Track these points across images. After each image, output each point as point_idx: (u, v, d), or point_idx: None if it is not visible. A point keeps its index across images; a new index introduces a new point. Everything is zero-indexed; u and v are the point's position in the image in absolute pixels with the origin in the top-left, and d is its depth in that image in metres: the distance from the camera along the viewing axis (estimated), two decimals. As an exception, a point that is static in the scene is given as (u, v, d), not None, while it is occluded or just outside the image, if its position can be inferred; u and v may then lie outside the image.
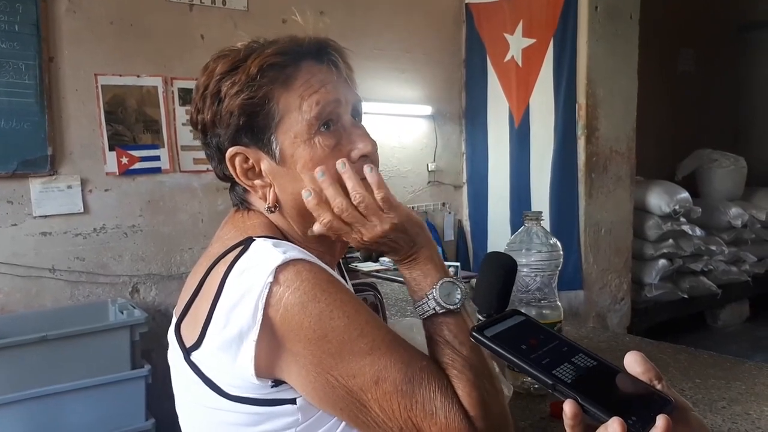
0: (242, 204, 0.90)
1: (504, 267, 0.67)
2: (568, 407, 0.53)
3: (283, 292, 0.73)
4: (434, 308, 0.80)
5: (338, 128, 0.83)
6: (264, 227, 0.85)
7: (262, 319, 0.73)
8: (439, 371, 0.77)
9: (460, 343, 0.79)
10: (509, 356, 0.58)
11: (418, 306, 0.82)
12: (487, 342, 0.59)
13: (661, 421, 0.50)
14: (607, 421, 0.51)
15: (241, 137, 0.83)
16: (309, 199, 0.80)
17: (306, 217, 0.85)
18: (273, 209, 0.85)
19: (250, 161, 0.84)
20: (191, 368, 0.80)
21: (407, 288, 0.85)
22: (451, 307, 0.80)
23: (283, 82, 0.81)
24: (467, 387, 0.76)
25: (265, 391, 0.76)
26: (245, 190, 0.88)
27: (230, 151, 0.83)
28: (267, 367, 0.75)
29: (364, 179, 0.80)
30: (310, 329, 0.73)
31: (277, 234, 0.85)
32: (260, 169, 0.84)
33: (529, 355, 0.57)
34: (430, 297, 0.81)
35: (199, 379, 0.79)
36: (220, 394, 0.78)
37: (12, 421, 2.08)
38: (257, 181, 0.85)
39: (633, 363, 0.56)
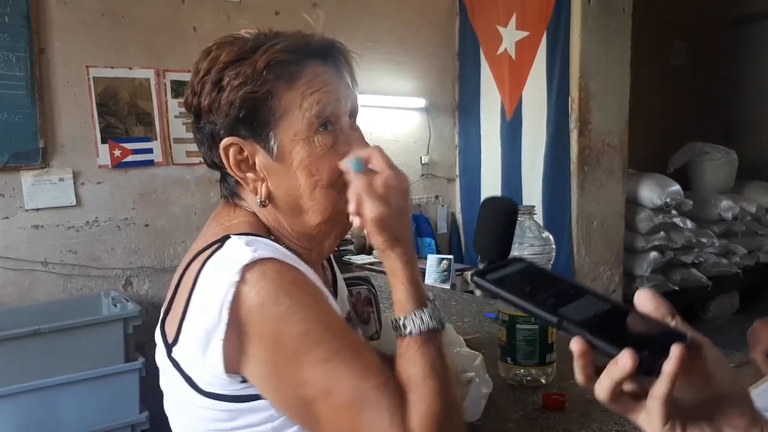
0: (233, 196, 0.89)
1: (503, 211, 0.63)
2: (576, 344, 0.49)
3: (248, 292, 0.73)
4: (410, 331, 0.77)
5: (336, 129, 0.83)
6: (247, 225, 0.84)
7: (229, 318, 0.72)
8: (395, 390, 0.74)
9: (429, 365, 0.76)
10: (512, 297, 0.54)
11: (394, 325, 0.79)
12: (488, 285, 0.56)
13: (675, 350, 0.46)
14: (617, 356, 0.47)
15: (239, 129, 0.82)
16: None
17: (298, 213, 0.84)
18: (265, 203, 0.84)
19: (245, 153, 0.83)
20: (173, 364, 0.80)
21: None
22: (427, 330, 0.77)
23: (288, 79, 0.81)
24: (423, 406, 0.73)
25: (236, 387, 0.76)
26: (237, 183, 0.87)
27: (225, 141, 0.82)
28: (234, 365, 0.75)
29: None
30: (267, 331, 0.73)
31: (262, 231, 0.84)
32: (254, 162, 0.83)
33: (533, 297, 0.54)
34: (408, 322, 0.77)
35: (180, 376, 0.79)
36: (197, 391, 0.78)
37: (5, 414, 2.08)
38: (249, 174, 0.84)
39: (644, 300, 0.52)
